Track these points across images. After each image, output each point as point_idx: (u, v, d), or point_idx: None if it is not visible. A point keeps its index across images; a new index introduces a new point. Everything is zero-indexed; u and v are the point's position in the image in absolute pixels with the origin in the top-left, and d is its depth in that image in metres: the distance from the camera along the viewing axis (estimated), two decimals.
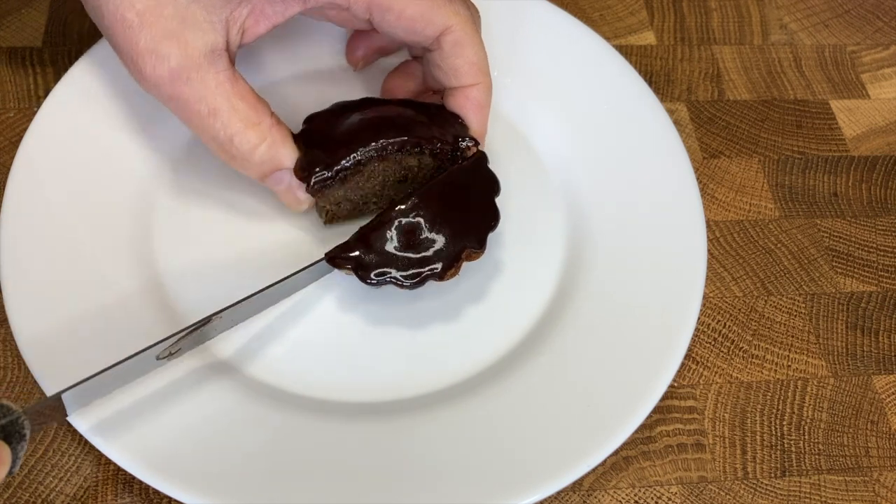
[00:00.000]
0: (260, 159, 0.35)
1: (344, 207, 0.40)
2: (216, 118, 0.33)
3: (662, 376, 0.36)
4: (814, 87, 0.53)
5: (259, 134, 0.34)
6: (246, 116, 0.34)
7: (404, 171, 0.39)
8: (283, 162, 0.36)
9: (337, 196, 0.38)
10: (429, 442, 0.35)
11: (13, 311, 0.34)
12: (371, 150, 0.37)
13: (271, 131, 0.35)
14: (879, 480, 0.40)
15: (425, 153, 0.38)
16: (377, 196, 0.40)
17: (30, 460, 0.36)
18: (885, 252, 0.47)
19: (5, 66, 0.46)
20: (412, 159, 0.38)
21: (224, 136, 0.34)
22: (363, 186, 0.39)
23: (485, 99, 0.39)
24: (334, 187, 0.38)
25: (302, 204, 0.38)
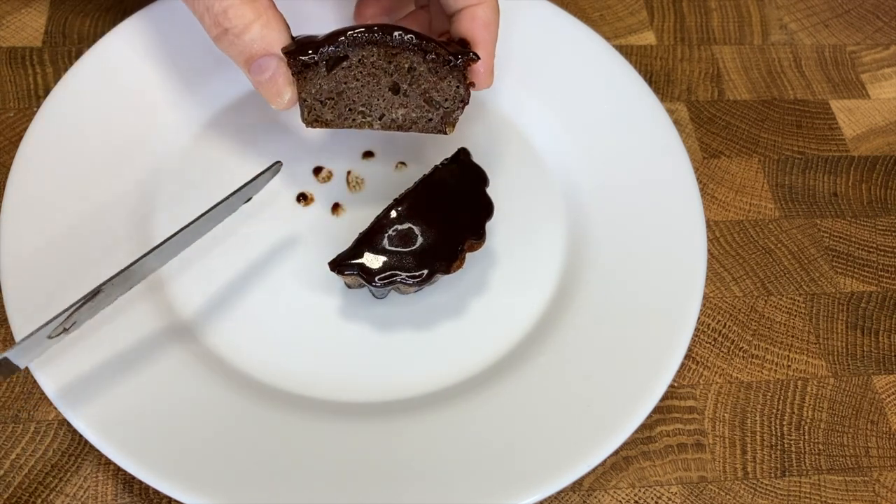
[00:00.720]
0: (251, 37, 0.34)
1: (329, 107, 0.36)
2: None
3: (662, 376, 0.36)
4: (814, 87, 0.53)
5: (254, 10, 0.33)
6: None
7: (396, 75, 0.36)
8: (273, 45, 0.34)
9: (321, 88, 0.36)
10: (429, 442, 0.35)
11: (13, 311, 0.34)
12: (362, 33, 0.35)
13: (267, 11, 0.34)
14: (879, 480, 0.40)
15: (418, 53, 0.36)
16: (365, 105, 0.37)
17: (29, 460, 0.36)
18: (885, 252, 0.47)
19: (5, 66, 0.46)
20: (404, 59, 0.36)
21: (219, 7, 0.33)
22: (350, 82, 0.36)
23: (491, 17, 0.37)
24: (319, 73, 0.35)
25: (283, 96, 0.35)
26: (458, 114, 0.37)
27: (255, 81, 0.35)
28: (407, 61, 0.36)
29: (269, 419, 0.35)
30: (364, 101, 0.37)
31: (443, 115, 0.37)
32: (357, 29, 0.35)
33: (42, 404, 0.37)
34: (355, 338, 0.39)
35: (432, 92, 0.37)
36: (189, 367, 0.36)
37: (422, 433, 0.35)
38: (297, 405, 0.36)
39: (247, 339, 0.38)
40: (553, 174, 0.44)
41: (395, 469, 0.34)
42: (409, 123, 0.38)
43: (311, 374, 0.37)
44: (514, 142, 0.45)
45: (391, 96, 0.37)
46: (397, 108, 0.37)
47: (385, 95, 0.37)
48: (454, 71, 0.36)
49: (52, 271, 0.36)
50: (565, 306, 0.40)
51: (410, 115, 0.37)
